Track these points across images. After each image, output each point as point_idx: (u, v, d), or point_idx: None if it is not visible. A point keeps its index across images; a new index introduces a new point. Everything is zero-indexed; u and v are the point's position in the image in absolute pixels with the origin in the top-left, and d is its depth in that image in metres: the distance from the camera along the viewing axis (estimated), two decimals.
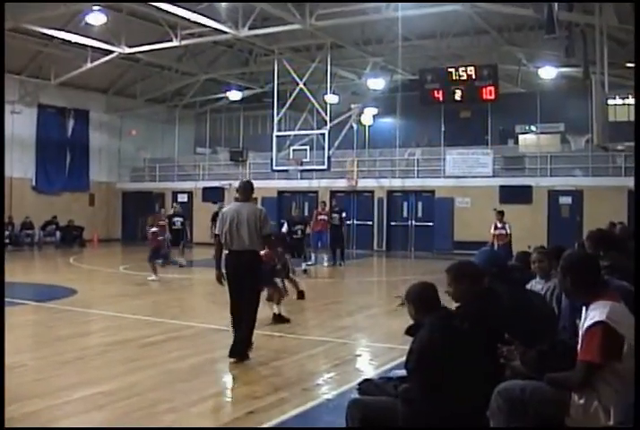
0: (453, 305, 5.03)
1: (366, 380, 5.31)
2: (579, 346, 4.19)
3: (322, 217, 22.62)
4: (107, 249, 30.59)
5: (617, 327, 4.05)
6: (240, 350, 8.58)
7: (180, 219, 21.38)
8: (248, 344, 8.71)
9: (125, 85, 34.68)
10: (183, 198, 34.52)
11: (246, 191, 9.07)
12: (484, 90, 22.80)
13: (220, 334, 10.46)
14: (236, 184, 32.49)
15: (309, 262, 20.52)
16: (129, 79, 34.13)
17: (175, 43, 25.77)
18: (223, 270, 8.74)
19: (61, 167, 32.98)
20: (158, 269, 18.11)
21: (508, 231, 19.31)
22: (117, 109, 34.99)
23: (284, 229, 19.62)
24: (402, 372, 4.82)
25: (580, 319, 4.36)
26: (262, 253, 9.28)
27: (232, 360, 8.51)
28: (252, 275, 8.63)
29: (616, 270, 5.71)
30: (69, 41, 26.29)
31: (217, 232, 8.82)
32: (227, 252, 8.82)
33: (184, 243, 21.69)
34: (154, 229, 18.70)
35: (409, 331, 4.76)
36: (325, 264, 22.11)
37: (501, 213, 19.71)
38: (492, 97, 22.93)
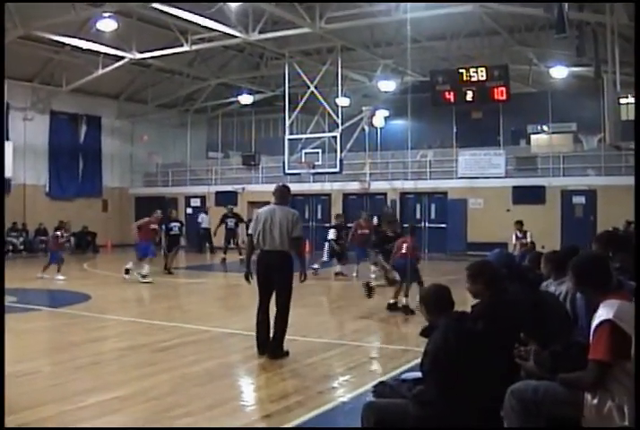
0: (467, 307, 5.04)
1: (380, 382, 5.32)
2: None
3: (363, 231, 19.87)
4: (120, 254, 30.62)
5: (624, 326, 4.04)
6: (275, 347, 8.99)
7: (177, 225, 21.33)
8: (283, 338, 9.07)
9: (137, 91, 34.82)
10: (196, 202, 34.66)
11: (282, 194, 9.52)
12: (495, 90, 22.80)
13: (234, 338, 10.50)
14: (249, 187, 32.77)
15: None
16: (140, 84, 34.27)
17: (185, 48, 25.88)
18: (253, 271, 9.18)
19: (74, 174, 33.14)
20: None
21: (529, 239, 19.23)
22: (129, 115, 35.13)
23: (332, 236, 20.06)
24: (416, 374, 4.83)
25: None
26: None
27: (266, 358, 8.91)
28: (283, 273, 9.01)
29: (626, 271, 5.70)
30: (80, 48, 26.44)
31: (250, 232, 9.31)
32: (259, 251, 9.26)
33: (177, 249, 21.53)
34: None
35: (423, 333, 4.77)
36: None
37: (520, 223, 19.38)
38: (503, 97, 22.93)
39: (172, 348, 9.67)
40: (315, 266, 19.80)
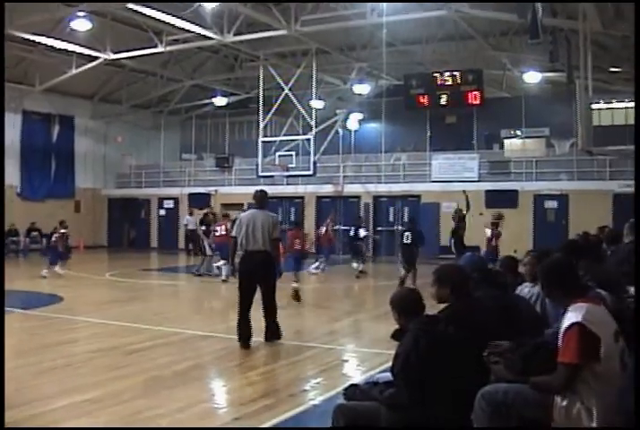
0: (436, 310, 5.07)
1: (351, 385, 5.34)
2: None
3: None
4: (93, 256, 30.47)
5: (593, 328, 4.10)
6: (273, 332, 10.10)
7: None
8: (277, 323, 10.16)
9: (111, 91, 34.63)
10: (169, 204, 34.57)
11: (261, 199, 10.39)
12: (469, 94, 22.92)
13: (207, 340, 10.49)
14: (222, 189, 32.71)
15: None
16: (114, 85, 34.10)
17: (160, 49, 25.78)
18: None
19: (46, 174, 32.86)
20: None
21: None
22: (103, 115, 34.93)
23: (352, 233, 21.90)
24: (388, 376, 4.85)
25: None
26: None
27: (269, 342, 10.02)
28: (267, 271, 9.99)
29: (592, 278, 5.78)
30: (54, 47, 26.24)
31: (234, 234, 10.18)
32: (242, 252, 10.13)
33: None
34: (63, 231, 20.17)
35: (394, 336, 4.80)
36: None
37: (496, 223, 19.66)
38: (477, 101, 23.06)
39: (144, 350, 9.64)
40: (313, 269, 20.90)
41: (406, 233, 17.42)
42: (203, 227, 21.98)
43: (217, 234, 19.22)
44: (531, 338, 4.73)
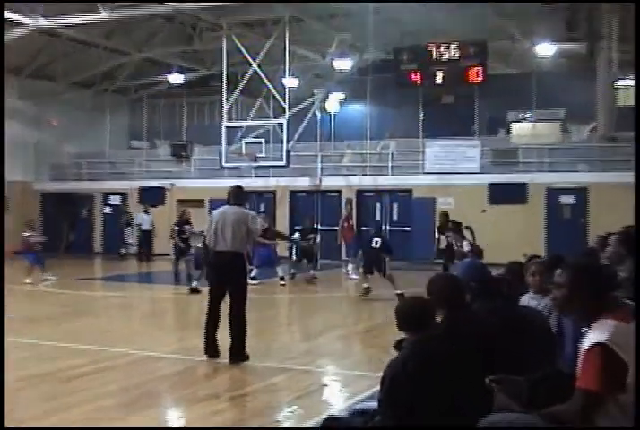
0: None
1: (330, 417, 5.37)
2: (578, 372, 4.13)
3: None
4: (22, 262, 30.26)
5: (620, 352, 3.95)
6: (238, 352, 10.21)
7: (189, 227, 21.13)
8: (243, 342, 10.29)
9: (43, 65, 34.31)
10: (115, 200, 34.45)
11: (236, 195, 10.87)
12: (470, 70, 23.04)
13: (161, 362, 10.49)
14: (179, 183, 32.64)
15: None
16: (48, 58, 33.75)
17: (103, 15, 25.57)
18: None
19: None
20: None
21: (466, 249, 19.69)
22: (34, 94, 34.56)
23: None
24: (373, 404, 4.88)
25: None
26: None
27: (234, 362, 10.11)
28: (235, 274, 10.42)
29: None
30: None
31: (205, 233, 10.85)
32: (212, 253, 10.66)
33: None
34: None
35: (398, 346, 4.83)
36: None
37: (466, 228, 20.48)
38: (480, 79, 23.17)
39: (86, 375, 9.61)
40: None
41: (375, 239, 18.43)
42: (177, 228, 21.55)
43: None
44: (541, 360, 4.73)
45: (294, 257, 22.83)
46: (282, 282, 20.75)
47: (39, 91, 34.46)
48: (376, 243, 18.17)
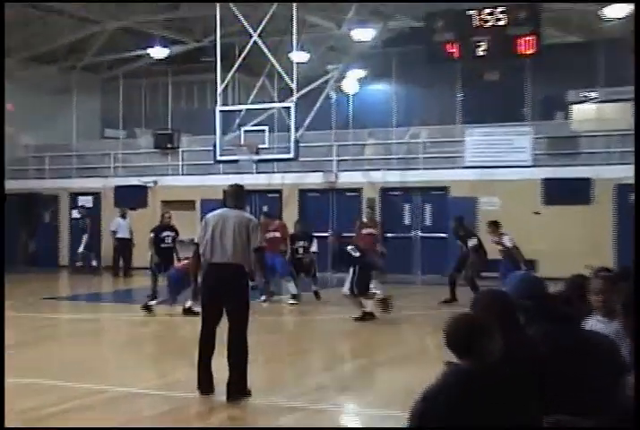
0: None
1: None
2: None
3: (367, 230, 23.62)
4: None
5: None
6: (238, 387, 10.06)
7: (172, 235, 21.20)
8: (244, 374, 10.16)
9: None
10: (87, 202, 34.42)
11: (236, 195, 10.81)
12: (520, 40, 23.03)
13: (143, 400, 10.55)
14: (163, 180, 32.74)
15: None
16: None
17: None
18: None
19: None
20: None
21: (508, 244, 19.69)
22: None
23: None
24: None
25: None
26: None
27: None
28: (235, 292, 10.27)
29: None
30: None
31: (196, 241, 10.53)
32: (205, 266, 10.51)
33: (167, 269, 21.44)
34: None
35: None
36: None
37: (495, 224, 20.76)
38: (532, 50, 23.16)
39: (54, 416, 9.64)
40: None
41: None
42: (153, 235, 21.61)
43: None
44: (609, 399, 4.71)
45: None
46: (293, 301, 20.79)
47: None
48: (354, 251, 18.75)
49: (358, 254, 18.99)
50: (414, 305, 18.02)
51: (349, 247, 19.36)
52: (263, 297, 20.53)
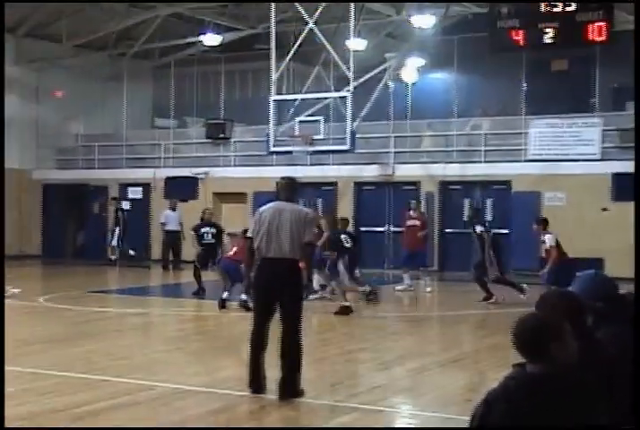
0: None
1: None
2: None
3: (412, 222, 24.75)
4: (20, 271, 30.66)
5: None
6: (291, 386, 10.13)
7: (212, 231, 21.37)
8: (299, 373, 10.25)
9: (45, 22, 34.58)
10: (136, 193, 34.56)
11: (290, 188, 10.91)
12: (590, 27, 22.79)
13: (191, 398, 10.52)
14: (215, 171, 32.81)
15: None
16: (50, 13, 33.99)
17: None
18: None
19: None
20: None
21: (548, 243, 19.54)
22: (33, 59, 34.83)
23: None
24: None
25: None
26: None
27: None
28: (292, 287, 10.37)
29: None
30: None
31: (250, 234, 10.60)
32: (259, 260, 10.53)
33: (213, 263, 21.57)
34: None
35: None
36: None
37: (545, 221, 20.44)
38: (603, 37, 22.92)
39: (98, 414, 9.64)
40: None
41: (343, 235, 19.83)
42: (193, 233, 21.86)
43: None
44: None
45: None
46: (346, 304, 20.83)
47: (39, 55, 34.69)
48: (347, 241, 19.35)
49: (349, 245, 19.49)
50: (472, 304, 17.89)
51: (342, 236, 19.53)
52: (317, 294, 20.76)
